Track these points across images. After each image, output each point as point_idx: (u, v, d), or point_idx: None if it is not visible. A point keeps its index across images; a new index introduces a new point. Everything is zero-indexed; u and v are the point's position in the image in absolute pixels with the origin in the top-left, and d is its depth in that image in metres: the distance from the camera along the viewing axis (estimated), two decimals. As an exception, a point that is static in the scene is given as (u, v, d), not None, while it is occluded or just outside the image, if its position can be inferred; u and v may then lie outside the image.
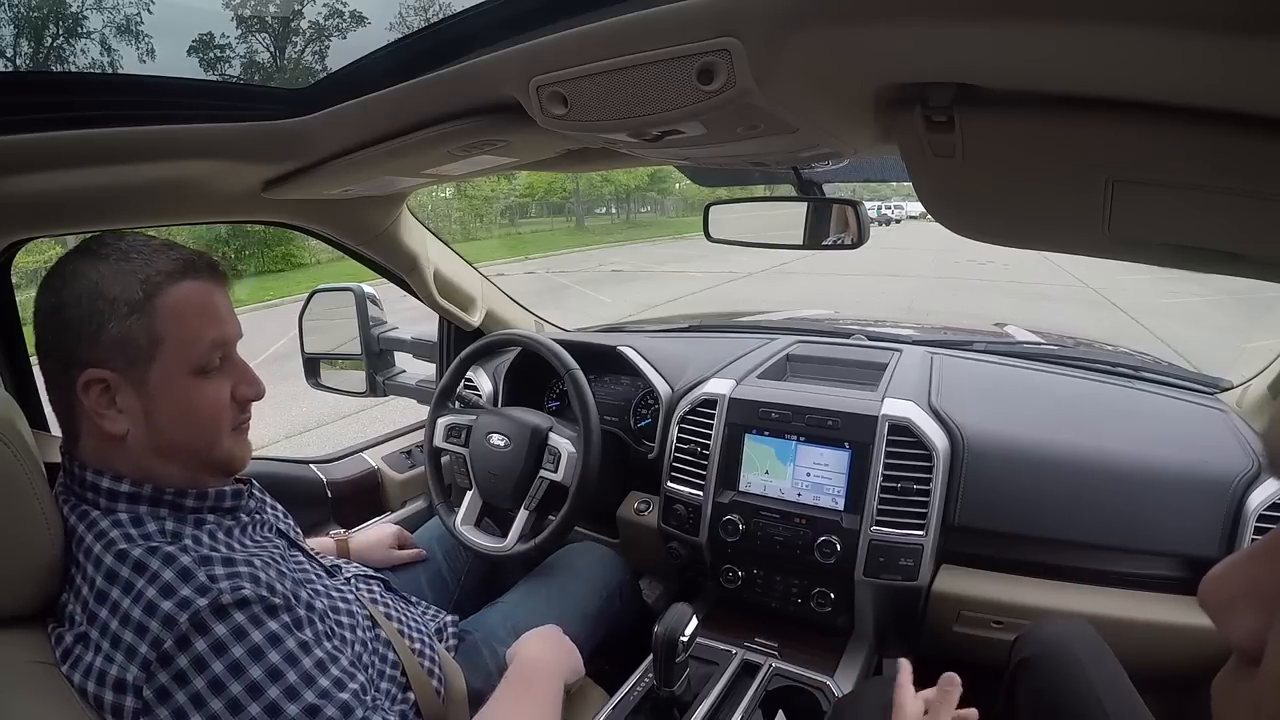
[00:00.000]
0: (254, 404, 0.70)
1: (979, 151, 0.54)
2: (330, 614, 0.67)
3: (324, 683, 0.57)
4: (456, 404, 1.27)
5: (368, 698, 0.61)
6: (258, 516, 0.73)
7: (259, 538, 0.70)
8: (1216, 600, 0.24)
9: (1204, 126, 0.42)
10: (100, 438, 0.62)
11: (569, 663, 0.86)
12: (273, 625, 0.57)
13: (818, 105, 0.56)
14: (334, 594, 0.73)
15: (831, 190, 1.03)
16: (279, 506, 0.81)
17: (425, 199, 18.48)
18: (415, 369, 1.62)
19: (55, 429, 0.92)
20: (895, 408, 1.06)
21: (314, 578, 0.72)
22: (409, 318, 1.63)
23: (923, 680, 1.14)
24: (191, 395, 0.63)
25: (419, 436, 1.43)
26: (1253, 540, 0.92)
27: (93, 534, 0.60)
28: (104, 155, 0.69)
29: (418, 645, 0.83)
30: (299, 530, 0.83)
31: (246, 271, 14.13)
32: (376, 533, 1.13)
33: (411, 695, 0.76)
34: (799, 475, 1.10)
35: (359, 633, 0.72)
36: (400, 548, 1.14)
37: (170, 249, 0.65)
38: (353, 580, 0.85)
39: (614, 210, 27.70)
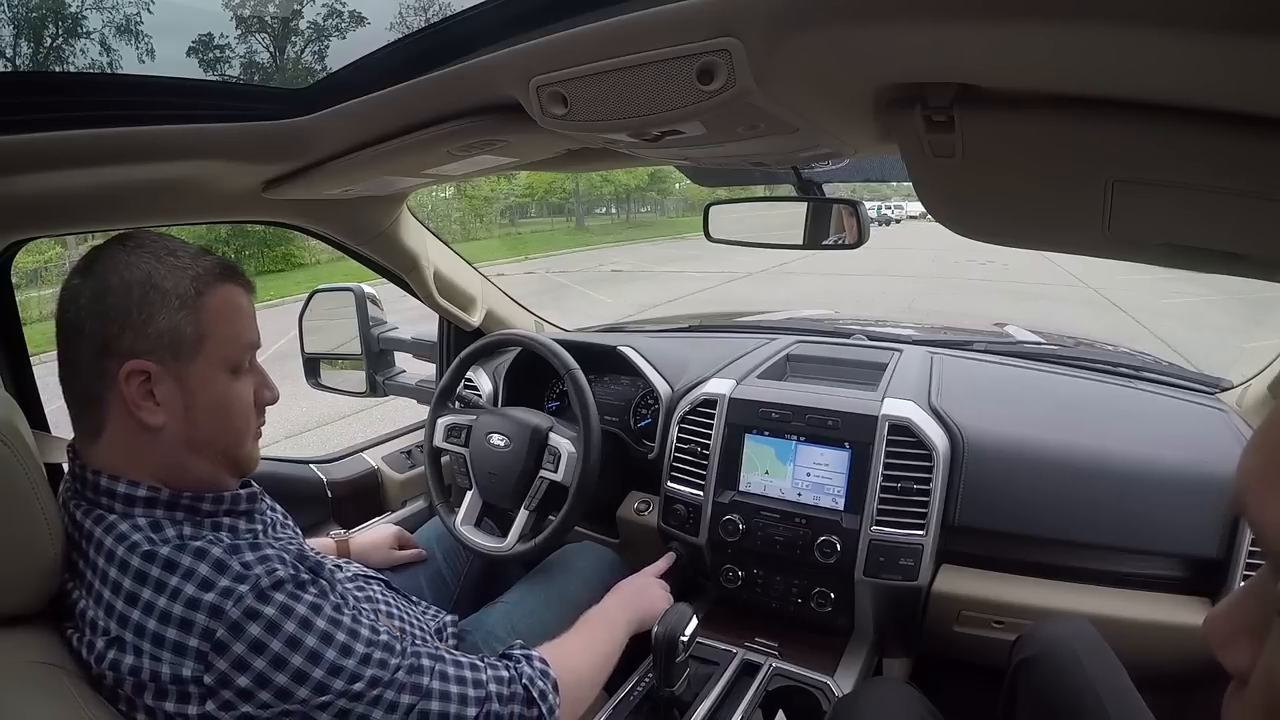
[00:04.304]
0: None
1: (979, 151, 0.54)
2: (349, 599, 0.69)
3: (365, 632, 0.62)
4: (456, 404, 1.27)
5: (397, 634, 0.66)
6: (268, 518, 0.73)
7: (275, 542, 0.70)
8: (1219, 635, 0.26)
9: (1204, 126, 0.42)
10: (132, 429, 0.62)
11: (639, 612, 0.94)
12: (309, 596, 0.60)
13: (818, 105, 0.56)
14: (348, 589, 0.74)
15: (831, 190, 1.04)
16: (278, 508, 0.81)
17: (425, 199, 18.49)
18: (415, 369, 1.62)
19: (56, 429, 0.92)
20: (895, 408, 1.06)
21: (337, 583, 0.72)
22: (409, 318, 1.63)
23: (923, 680, 1.15)
24: (227, 392, 0.66)
25: (419, 436, 1.43)
26: (1252, 541, 0.92)
27: (112, 537, 0.59)
28: (104, 155, 0.69)
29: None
30: (299, 531, 0.83)
31: (246, 272, 14.08)
32: (376, 534, 1.13)
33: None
34: (799, 475, 1.10)
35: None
36: (400, 548, 1.14)
37: (206, 253, 0.67)
38: (355, 579, 0.85)
39: (614, 210, 27.69)
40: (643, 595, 0.98)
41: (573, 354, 1.14)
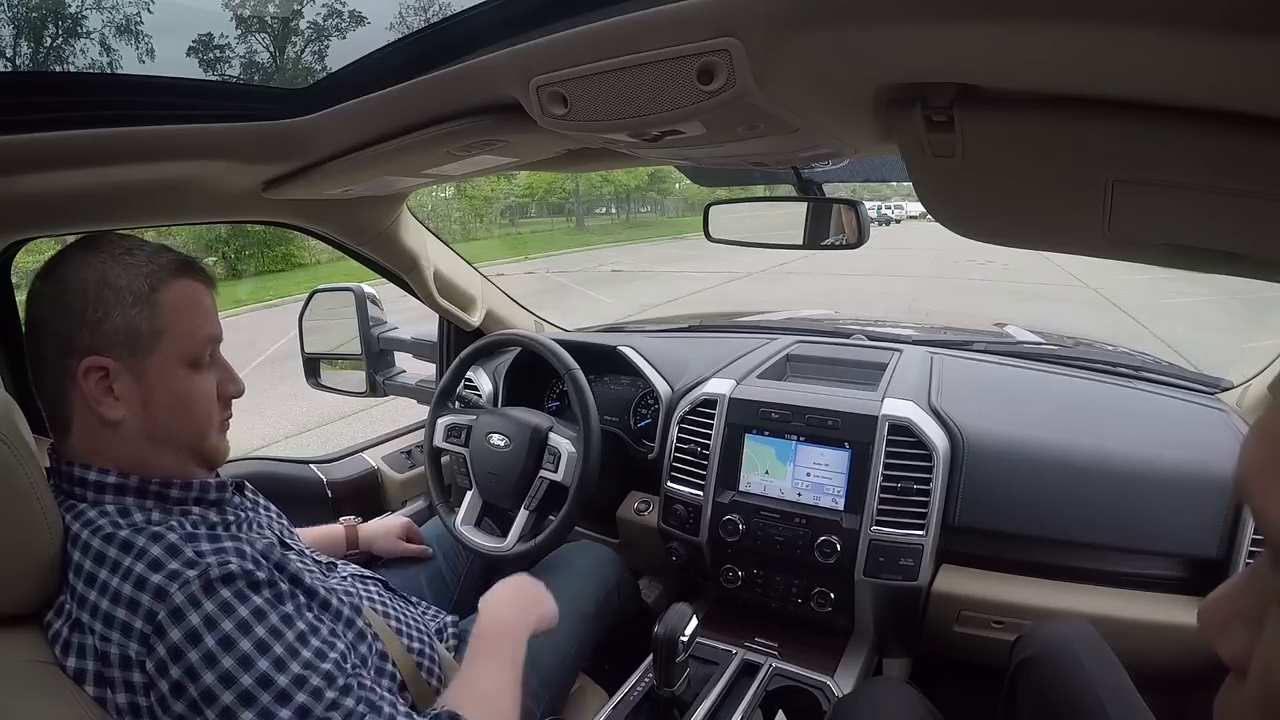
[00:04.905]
0: (254, 405, 0.72)
1: (979, 151, 0.54)
2: (319, 592, 0.69)
3: (306, 654, 0.59)
4: (456, 404, 1.27)
5: (348, 665, 0.63)
6: (244, 515, 0.73)
7: (244, 535, 0.71)
8: (1213, 622, 0.26)
9: (1204, 126, 0.42)
10: (95, 424, 0.63)
11: (534, 616, 0.85)
12: (257, 600, 0.59)
13: (818, 105, 0.56)
14: (329, 585, 0.74)
15: (831, 190, 1.03)
16: (272, 508, 0.81)
17: (425, 199, 18.46)
18: (415, 369, 1.62)
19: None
20: (895, 408, 1.06)
21: (306, 575, 0.72)
22: (409, 318, 1.63)
23: (923, 680, 1.15)
24: (186, 386, 0.66)
25: (419, 436, 1.43)
26: (1252, 540, 0.92)
27: (80, 523, 0.61)
28: (104, 155, 0.69)
29: (416, 645, 0.83)
30: (294, 531, 0.83)
31: (246, 271, 14.08)
32: (385, 522, 1.14)
33: (409, 695, 0.76)
34: (799, 475, 1.10)
35: (349, 627, 0.72)
36: (408, 541, 1.14)
37: (166, 249, 0.68)
38: (350, 579, 0.85)
39: (614, 210, 27.69)
40: (523, 593, 0.88)
41: (573, 354, 1.14)
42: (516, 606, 0.85)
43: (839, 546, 1.03)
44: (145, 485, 0.64)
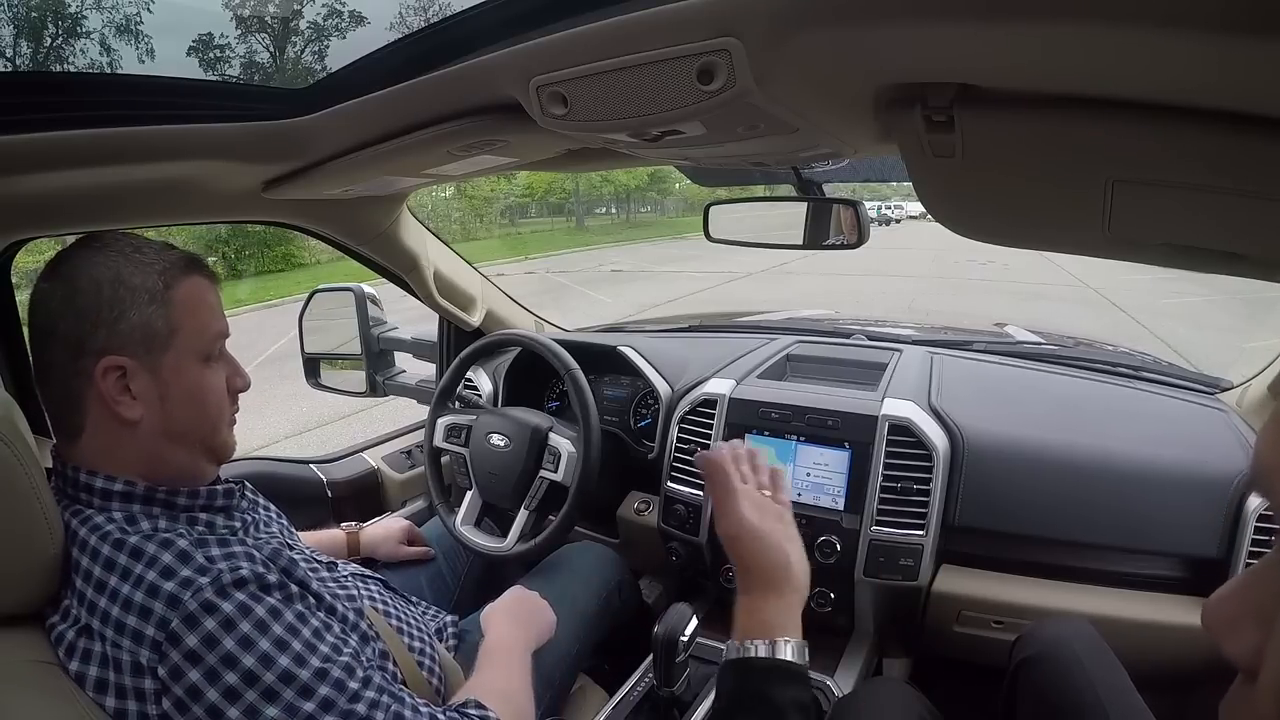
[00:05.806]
0: (254, 405, 0.73)
1: (979, 151, 0.54)
2: (325, 597, 0.69)
3: (324, 648, 0.60)
4: (456, 404, 1.27)
5: (363, 658, 0.64)
6: (250, 518, 0.74)
7: (251, 539, 0.71)
8: (1220, 620, 0.25)
9: (1204, 126, 0.42)
10: (111, 425, 0.63)
11: (535, 631, 0.90)
12: (271, 600, 0.59)
13: (818, 105, 0.56)
14: (330, 584, 0.74)
15: (831, 190, 1.03)
16: (272, 507, 0.81)
17: (425, 199, 18.47)
18: (415, 369, 1.62)
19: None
20: (895, 408, 1.06)
21: (309, 573, 0.72)
22: (409, 318, 1.63)
23: (923, 680, 1.15)
24: (199, 382, 0.67)
25: (419, 436, 1.43)
26: (1252, 540, 0.92)
27: (87, 528, 0.61)
28: (104, 155, 0.69)
29: (417, 645, 0.83)
30: (294, 531, 0.83)
31: (246, 271, 14.09)
32: (386, 527, 1.14)
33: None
34: (799, 475, 1.10)
35: (354, 630, 0.72)
36: (410, 543, 1.14)
37: (171, 247, 0.68)
38: (351, 578, 0.85)
39: (614, 210, 27.71)
40: (523, 607, 0.92)
41: (573, 354, 1.14)
42: (517, 623, 0.88)
43: (839, 546, 1.03)
44: (152, 493, 0.64)
